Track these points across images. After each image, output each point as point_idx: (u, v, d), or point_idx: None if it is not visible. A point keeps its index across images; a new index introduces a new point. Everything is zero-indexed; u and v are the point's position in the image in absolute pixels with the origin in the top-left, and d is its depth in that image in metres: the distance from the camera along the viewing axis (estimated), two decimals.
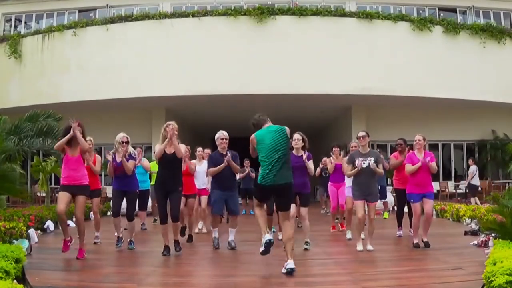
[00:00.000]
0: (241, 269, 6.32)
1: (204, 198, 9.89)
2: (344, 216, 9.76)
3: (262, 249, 5.76)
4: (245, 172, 14.01)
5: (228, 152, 7.76)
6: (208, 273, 6.19)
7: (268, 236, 5.74)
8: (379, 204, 12.74)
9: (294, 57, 16.81)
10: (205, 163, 9.74)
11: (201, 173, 9.74)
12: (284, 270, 5.65)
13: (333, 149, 10.24)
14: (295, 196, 7.62)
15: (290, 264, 5.62)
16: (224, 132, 7.87)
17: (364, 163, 7.43)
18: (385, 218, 12.58)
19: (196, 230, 10.00)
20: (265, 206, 6.08)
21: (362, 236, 7.91)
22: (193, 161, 9.84)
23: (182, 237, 8.18)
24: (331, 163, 10.01)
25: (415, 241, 7.65)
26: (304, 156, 7.64)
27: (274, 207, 8.46)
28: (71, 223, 9.52)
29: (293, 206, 7.57)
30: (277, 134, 5.85)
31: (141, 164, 10.11)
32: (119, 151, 7.68)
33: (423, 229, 7.69)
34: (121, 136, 7.85)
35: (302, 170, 7.58)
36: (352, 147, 8.55)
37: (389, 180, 12.24)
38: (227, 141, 7.83)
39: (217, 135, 7.88)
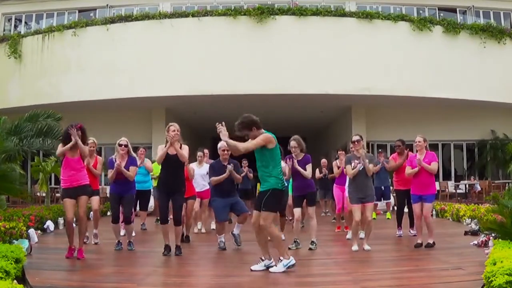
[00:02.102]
0: (241, 269, 6.31)
1: (205, 201, 9.88)
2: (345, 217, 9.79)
3: (283, 269, 5.78)
4: (243, 172, 13.96)
5: (230, 162, 7.81)
6: (208, 273, 6.19)
7: (292, 260, 5.82)
8: (381, 204, 12.77)
9: (294, 57, 16.79)
10: (205, 166, 9.74)
11: (200, 176, 9.73)
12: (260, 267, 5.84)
13: (338, 152, 10.27)
14: (302, 199, 7.68)
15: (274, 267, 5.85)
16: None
17: (360, 166, 7.50)
18: (388, 218, 12.57)
19: (195, 230, 10.00)
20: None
21: (362, 235, 7.94)
22: (193, 164, 9.83)
23: (184, 242, 8.12)
24: (337, 167, 9.97)
25: (419, 241, 7.64)
26: (295, 162, 7.62)
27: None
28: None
29: (298, 210, 7.63)
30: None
31: (144, 165, 10.13)
32: (119, 154, 7.71)
33: (427, 232, 7.69)
34: (120, 139, 7.88)
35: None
36: (352, 148, 8.56)
37: (390, 181, 12.26)
38: (229, 152, 7.81)
39: (219, 145, 7.89)
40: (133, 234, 8.27)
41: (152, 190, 10.61)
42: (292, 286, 5.29)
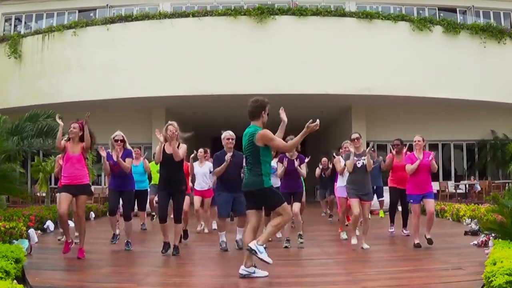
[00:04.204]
0: None
1: (207, 200, 9.84)
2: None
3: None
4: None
5: (236, 154, 7.69)
6: (208, 273, 6.18)
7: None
8: (375, 202, 12.75)
9: (294, 57, 16.81)
10: (206, 164, 9.72)
11: (202, 174, 9.70)
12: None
13: (340, 150, 10.28)
14: (290, 196, 7.73)
15: (241, 268, 5.46)
16: (231, 132, 7.79)
17: (358, 163, 7.58)
18: (381, 217, 12.57)
19: (198, 229, 9.98)
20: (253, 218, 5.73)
21: (357, 232, 7.98)
22: (194, 163, 9.81)
23: (181, 242, 8.04)
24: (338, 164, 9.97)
25: (416, 241, 7.66)
26: (296, 164, 7.83)
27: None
28: (70, 223, 9.50)
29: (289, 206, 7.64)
30: (245, 137, 5.68)
31: (144, 163, 10.12)
32: (115, 149, 7.66)
33: (426, 227, 7.71)
34: (115, 133, 7.77)
35: (296, 173, 7.78)
36: (345, 148, 8.55)
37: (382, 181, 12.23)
38: (234, 141, 7.72)
39: (223, 135, 7.79)
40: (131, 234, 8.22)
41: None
42: (292, 286, 5.29)
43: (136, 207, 10.32)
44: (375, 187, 11.53)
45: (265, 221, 8.86)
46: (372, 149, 8.96)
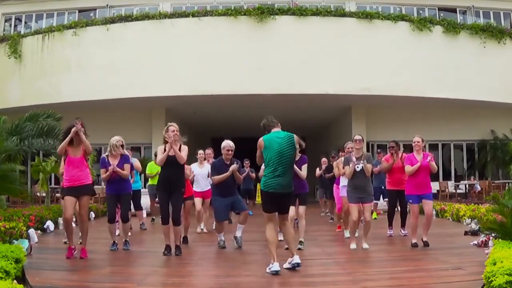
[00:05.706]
0: (241, 269, 6.32)
1: (207, 201, 9.85)
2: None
3: (268, 271, 5.71)
4: (245, 172, 13.96)
5: (234, 161, 7.83)
6: (208, 273, 6.19)
7: (275, 267, 5.64)
8: (381, 203, 12.75)
9: (294, 57, 16.80)
10: (206, 166, 9.73)
11: (202, 175, 9.71)
12: (288, 265, 5.77)
13: (340, 152, 10.30)
14: (295, 198, 7.67)
15: (296, 259, 5.78)
16: (231, 143, 7.94)
17: (358, 167, 7.57)
18: None
19: (198, 231, 9.99)
20: (276, 219, 5.98)
21: (356, 233, 7.99)
22: (194, 164, 9.81)
23: (183, 244, 8.03)
24: (338, 167, 9.96)
25: (414, 240, 7.68)
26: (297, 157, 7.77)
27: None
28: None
29: (292, 208, 7.63)
30: (284, 141, 5.87)
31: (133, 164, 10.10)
32: (116, 152, 7.61)
33: (423, 229, 7.73)
34: (116, 139, 7.72)
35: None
36: (348, 148, 8.55)
37: None
38: (233, 152, 7.90)
39: (223, 145, 7.93)
40: (129, 234, 8.23)
41: (142, 189, 10.60)
42: (292, 286, 5.29)
43: (132, 207, 10.31)
44: (382, 187, 11.57)
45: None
46: (378, 150, 8.96)
